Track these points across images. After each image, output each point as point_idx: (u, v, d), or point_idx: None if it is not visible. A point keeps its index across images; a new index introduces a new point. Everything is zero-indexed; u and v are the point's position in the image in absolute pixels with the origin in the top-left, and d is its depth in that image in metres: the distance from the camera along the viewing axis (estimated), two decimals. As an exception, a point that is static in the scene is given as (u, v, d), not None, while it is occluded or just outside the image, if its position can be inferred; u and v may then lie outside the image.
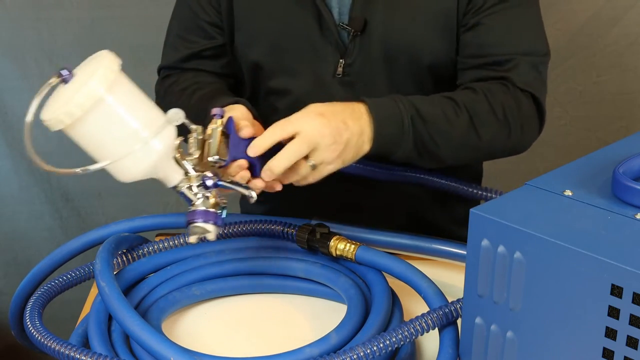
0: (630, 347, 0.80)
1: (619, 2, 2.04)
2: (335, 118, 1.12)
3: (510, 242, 0.86)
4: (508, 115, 1.24)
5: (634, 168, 0.93)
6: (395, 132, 1.17)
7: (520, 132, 1.27)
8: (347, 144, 1.12)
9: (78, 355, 0.99)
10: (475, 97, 1.24)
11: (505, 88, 1.26)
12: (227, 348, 1.12)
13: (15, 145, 2.08)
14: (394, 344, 0.98)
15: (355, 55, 1.31)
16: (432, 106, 1.21)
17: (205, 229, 1.06)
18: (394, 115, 1.17)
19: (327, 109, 1.13)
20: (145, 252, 1.22)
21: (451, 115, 1.21)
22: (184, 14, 1.40)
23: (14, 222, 2.17)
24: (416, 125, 1.18)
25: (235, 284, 1.22)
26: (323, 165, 1.12)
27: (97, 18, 2.02)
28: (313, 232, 1.19)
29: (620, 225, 0.86)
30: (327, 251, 1.18)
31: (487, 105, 1.23)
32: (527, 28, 1.31)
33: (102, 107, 0.98)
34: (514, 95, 1.26)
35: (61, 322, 1.40)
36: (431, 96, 1.24)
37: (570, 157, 1.04)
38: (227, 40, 1.38)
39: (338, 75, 1.32)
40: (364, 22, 1.28)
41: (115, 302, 1.03)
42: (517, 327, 0.89)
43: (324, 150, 1.10)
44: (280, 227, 1.23)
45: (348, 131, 1.12)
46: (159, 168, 1.05)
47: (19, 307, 1.24)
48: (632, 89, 2.14)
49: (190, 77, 1.38)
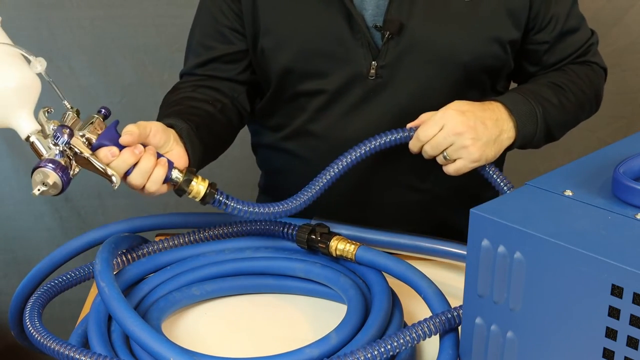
0: (631, 348, 0.80)
1: (619, 2, 2.04)
2: (475, 117, 1.22)
3: (511, 242, 0.86)
4: (596, 88, 1.43)
5: (634, 168, 0.93)
6: (532, 129, 1.29)
7: (599, 97, 1.46)
8: (486, 143, 1.22)
9: (77, 356, 0.99)
10: (571, 77, 1.38)
11: (587, 66, 1.42)
12: (227, 348, 1.12)
13: (16, 145, 2.08)
14: (395, 348, 0.98)
15: (389, 57, 1.31)
16: (550, 97, 1.33)
17: (47, 173, 1.03)
18: (530, 113, 1.29)
19: (468, 107, 1.23)
20: (145, 252, 1.22)
21: (565, 102, 1.35)
22: (205, 20, 1.41)
23: (14, 222, 2.17)
24: (546, 119, 1.31)
25: (235, 284, 1.22)
26: (460, 161, 1.22)
27: (97, 18, 2.02)
28: (313, 232, 1.19)
29: (621, 225, 0.86)
30: (327, 251, 1.18)
31: (582, 82, 1.39)
32: (579, 15, 1.43)
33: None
34: (596, 71, 1.43)
35: (61, 322, 1.40)
36: (539, 84, 1.36)
37: (570, 157, 1.04)
38: (248, 45, 1.38)
39: (371, 77, 1.32)
40: (399, 24, 1.29)
41: (115, 303, 1.03)
42: (517, 327, 0.89)
43: (460, 146, 1.20)
44: (280, 227, 1.23)
45: (487, 131, 1.22)
46: (12, 108, 1.05)
47: (18, 307, 1.24)
48: (632, 89, 2.14)
49: (189, 90, 1.37)
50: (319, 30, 1.32)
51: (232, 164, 1.95)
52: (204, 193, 1.12)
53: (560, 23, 1.37)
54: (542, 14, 1.35)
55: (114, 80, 2.06)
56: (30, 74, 1.06)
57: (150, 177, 1.10)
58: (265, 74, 1.39)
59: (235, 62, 1.40)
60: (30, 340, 1.08)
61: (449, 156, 1.22)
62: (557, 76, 1.38)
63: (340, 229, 1.25)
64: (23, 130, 1.07)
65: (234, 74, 1.40)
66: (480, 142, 1.21)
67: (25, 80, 1.05)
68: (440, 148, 1.21)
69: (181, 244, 1.23)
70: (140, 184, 1.11)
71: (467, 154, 1.21)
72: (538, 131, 1.30)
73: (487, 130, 1.22)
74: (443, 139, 1.21)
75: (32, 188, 1.05)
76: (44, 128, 1.06)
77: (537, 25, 1.36)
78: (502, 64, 1.36)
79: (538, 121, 1.29)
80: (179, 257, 1.23)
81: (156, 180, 1.10)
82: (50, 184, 1.04)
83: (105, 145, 1.09)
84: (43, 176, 1.03)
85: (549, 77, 1.39)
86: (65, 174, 1.04)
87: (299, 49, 1.33)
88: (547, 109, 1.31)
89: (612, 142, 1.05)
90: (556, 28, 1.37)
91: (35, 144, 1.06)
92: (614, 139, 1.08)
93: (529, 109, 1.29)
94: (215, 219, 1.28)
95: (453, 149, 1.21)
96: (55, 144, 1.05)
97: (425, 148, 1.23)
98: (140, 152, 1.09)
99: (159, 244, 1.22)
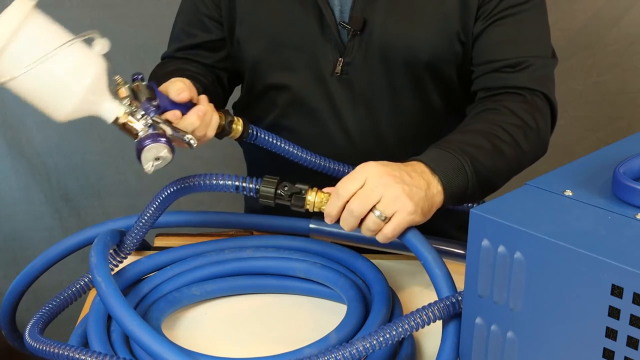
0: (631, 348, 0.80)
1: (619, 2, 2.04)
2: (399, 168, 1.10)
3: (511, 242, 0.86)
4: (539, 121, 1.26)
5: (634, 168, 0.93)
6: (461, 183, 1.14)
7: (545, 134, 1.29)
8: (417, 193, 1.08)
9: (77, 355, 0.99)
10: (505, 117, 1.24)
11: (521, 97, 1.28)
12: (227, 348, 1.12)
13: (15, 145, 2.08)
14: (400, 334, 0.97)
15: (354, 54, 1.31)
16: (481, 142, 1.19)
17: (159, 147, 1.04)
18: (457, 168, 1.14)
19: (388, 163, 1.11)
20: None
21: (499, 143, 1.20)
22: (188, 7, 1.43)
23: (14, 222, 2.17)
24: (478, 170, 1.16)
25: (235, 284, 1.22)
26: (398, 214, 1.07)
27: (97, 18, 2.02)
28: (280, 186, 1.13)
29: (621, 225, 0.86)
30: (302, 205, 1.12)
31: (518, 120, 1.24)
32: (537, 32, 1.32)
33: (25, 30, 0.98)
34: (531, 101, 1.27)
35: (61, 322, 1.39)
36: (467, 130, 1.23)
37: (570, 157, 1.04)
38: (225, 34, 1.40)
39: (337, 74, 1.32)
40: (363, 21, 1.29)
41: (112, 299, 1.02)
42: (517, 327, 0.89)
43: (392, 197, 1.06)
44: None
45: (415, 180, 1.09)
46: (94, 98, 1.03)
47: (10, 305, 1.23)
48: (632, 89, 2.14)
49: (180, 63, 1.40)
50: (290, 23, 1.33)
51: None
52: (241, 131, 1.23)
53: (495, 15, 1.28)
54: (486, 5, 1.29)
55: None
56: (97, 60, 1.03)
57: (210, 124, 1.16)
58: (241, 65, 1.41)
59: (216, 50, 1.42)
60: (30, 350, 1.08)
61: (382, 213, 1.06)
62: (488, 118, 1.25)
63: (341, 229, 1.24)
64: (111, 114, 1.05)
65: (215, 61, 1.43)
66: (412, 191, 1.07)
67: (97, 69, 1.02)
68: (369, 202, 1.06)
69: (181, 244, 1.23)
70: (203, 134, 1.15)
71: (402, 205, 1.06)
72: (470, 185, 1.15)
73: (414, 180, 1.09)
74: (371, 191, 1.06)
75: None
76: (122, 103, 1.05)
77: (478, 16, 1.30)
78: (465, 60, 1.33)
79: (467, 173, 1.14)
80: (179, 257, 1.23)
81: (214, 126, 1.17)
82: (163, 157, 1.05)
83: (169, 109, 1.10)
84: (156, 151, 1.04)
85: (480, 119, 1.26)
86: (169, 141, 1.05)
87: (268, 40, 1.35)
88: (478, 159, 1.16)
89: (612, 142, 1.05)
90: (489, 18, 1.28)
91: (127, 124, 1.05)
92: (614, 139, 1.07)
93: (454, 164, 1.14)
94: (216, 218, 1.28)
95: (385, 202, 1.06)
96: (144, 118, 1.05)
97: (351, 206, 1.06)
98: (203, 112, 1.13)
99: None
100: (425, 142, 1.25)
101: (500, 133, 1.21)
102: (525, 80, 1.28)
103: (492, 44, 1.30)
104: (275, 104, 1.39)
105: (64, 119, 1.02)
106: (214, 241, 1.26)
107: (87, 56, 1.02)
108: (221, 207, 2.19)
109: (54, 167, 2.14)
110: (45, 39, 1.00)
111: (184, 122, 1.11)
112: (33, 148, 2.10)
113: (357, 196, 1.06)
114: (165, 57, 1.46)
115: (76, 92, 1.00)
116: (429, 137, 1.32)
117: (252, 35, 1.36)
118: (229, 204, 2.10)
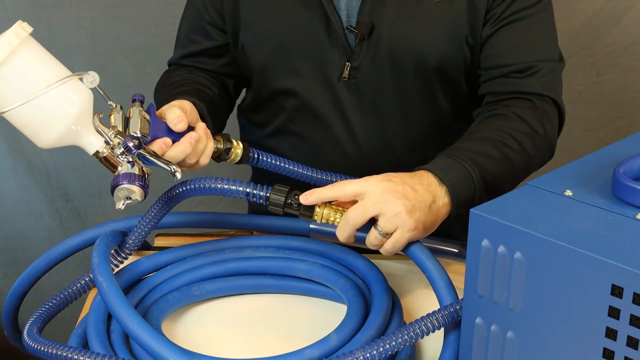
0: (631, 348, 0.80)
1: (619, 2, 2.04)
2: (403, 182, 1.09)
3: (511, 242, 0.86)
4: (547, 128, 1.27)
5: (634, 168, 0.93)
6: (469, 193, 1.14)
7: (552, 139, 1.29)
8: (421, 209, 1.08)
9: (76, 356, 0.99)
10: (514, 124, 1.24)
11: (530, 102, 1.28)
12: (227, 348, 1.12)
13: (15, 145, 2.08)
14: (397, 346, 0.98)
15: (362, 58, 1.31)
16: (489, 151, 1.19)
17: (131, 189, 1.05)
18: (465, 178, 1.14)
19: (394, 175, 1.11)
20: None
21: (507, 152, 1.20)
22: (191, 13, 1.43)
23: (14, 222, 2.17)
24: (486, 180, 1.15)
25: (235, 284, 1.22)
26: (398, 231, 1.09)
27: (97, 18, 2.02)
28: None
29: (621, 225, 0.86)
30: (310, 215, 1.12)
31: (527, 126, 1.24)
32: (545, 35, 1.32)
33: (13, 61, 1.00)
34: (540, 107, 1.28)
35: (61, 322, 1.39)
36: (475, 138, 1.22)
37: (570, 157, 1.04)
38: (229, 41, 1.40)
39: (344, 78, 1.32)
40: (371, 25, 1.29)
41: (115, 300, 1.03)
42: (517, 327, 0.89)
43: (392, 214, 1.07)
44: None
45: (419, 196, 1.09)
46: (78, 130, 1.04)
47: (13, 306, 1.23)
48: (632, 89, 2.14)
49: (186, 72, 1.40)
50: (296, 28, 1.32)
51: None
52: (241, 155, 1.21)
53: (503, 19, 1.28)
54: (494, 9, 1.29)
55: (114, 80, 2.06)
56: (85, 92, 1.05)
57: (204, 152, 1.15)
58: (247, 71, 1.41)
59: (219, 57, 1.42)
60: (29, 350, 1.08)
61: (383, 229, 1.08)
62: (496, 124, 1.25)
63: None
64: (92, 147, 1.06)
65: (219, 67, 1.43)
66: (413, 208, 1.08)
67: (84, 100, 1.04)
68: (366, 214, 1.07)
69: (181, 244, 1.23)
70: (195, 161, 1.15)
71: (401, 222, 1.08)
72: (478, 194, 1.15)
73: (418, 195, 1.09)
74: (372, 205, 1.07)
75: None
76: (105, 136, 1.06)
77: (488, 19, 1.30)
78: (473, 64, 1.33)
79: (476, 184, 1.14)
80: (179, 257, 1.23)
81: (208, 154, 1.16)
82: (135, 197, 1.06)
83: (159, 137, 1.10)
84: (127, 192, 1.06)
85: (489, 125, 1.25)
86: (144, 182, 1.06)
87: (275, 46, 1.34)
88: (486, 168, 1.16)
89: (612, 142, 1.05)
90: (497, 22, 1.28)
91: (107, 158, 1.06)
92: (614, 139, 1.07)
93: (463, 174, 1.13)
94: (215, 218, 1.28)
95: (385, 219, 1.07)
96: (124, 155, 1.06)
97: (348, 215, 1.09)
98: (195, 140, 1.12)
99: None
100: (432, 145, 1.25)
101: (509, 141, 1.21)
102: (534, 86, 1.28)
103: (500, 48, 1.30)
104: (283, 108, 1.39)
105: (47, 146, 1.04)
106: (214, 241, 1.26)
107: (75, 90, 1.04)
108: (221, 208, 2.19)
109: (54, 167, 2.14)
110: (35, 75, 1.02)
111: (176, 149, 1.11)
112: (33, 148, 2.09)
113: (356, 207, 1.08)
114: (172, 63, 1.46)
115: (61, 123, 1.02)
116: (436, 140, 1.32)
117: (258, 41, 1.35)
118: (228, 204, 2.10)
